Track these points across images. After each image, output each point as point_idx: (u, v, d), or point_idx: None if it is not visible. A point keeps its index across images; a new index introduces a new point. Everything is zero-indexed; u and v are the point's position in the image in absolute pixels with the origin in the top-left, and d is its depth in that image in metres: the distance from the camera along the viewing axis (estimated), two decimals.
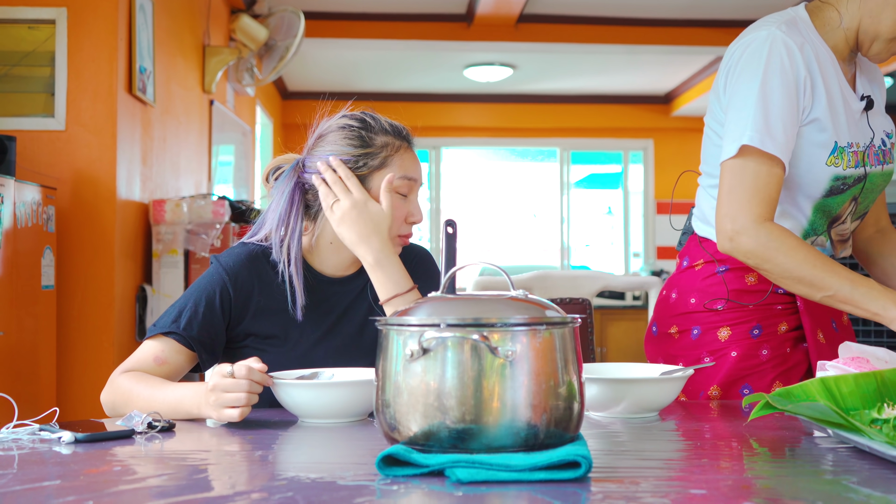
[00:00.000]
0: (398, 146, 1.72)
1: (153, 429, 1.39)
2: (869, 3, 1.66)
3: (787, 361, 1.77)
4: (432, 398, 1.10)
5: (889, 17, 1.65)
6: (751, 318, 1.76)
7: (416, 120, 5.35)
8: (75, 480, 1.06)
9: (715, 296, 1.79)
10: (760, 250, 1.60)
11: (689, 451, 1.24)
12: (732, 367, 1.75)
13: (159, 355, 1.64)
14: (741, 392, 1.75)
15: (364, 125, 1.72)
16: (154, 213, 3.75)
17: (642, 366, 1.64)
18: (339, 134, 1.72)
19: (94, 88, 3.41)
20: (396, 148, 1.72)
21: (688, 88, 8.16)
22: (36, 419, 1.41)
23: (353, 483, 1.02)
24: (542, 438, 1.10)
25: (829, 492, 1.00)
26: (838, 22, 1.70)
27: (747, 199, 1.63)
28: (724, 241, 1.65)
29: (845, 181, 1.70)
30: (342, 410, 1.45)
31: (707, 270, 1.80)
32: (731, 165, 1.65)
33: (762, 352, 1.75)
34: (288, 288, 1.70)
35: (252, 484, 1.06)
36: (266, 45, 5.25)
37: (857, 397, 1.28)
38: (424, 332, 1.10)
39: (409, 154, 1.74)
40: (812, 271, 1.59)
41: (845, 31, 1.70)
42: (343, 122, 1.73)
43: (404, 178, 1.71)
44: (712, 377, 1.77)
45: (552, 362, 1.12)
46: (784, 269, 1.60)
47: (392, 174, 1.69)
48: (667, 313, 1.86)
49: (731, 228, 1.63)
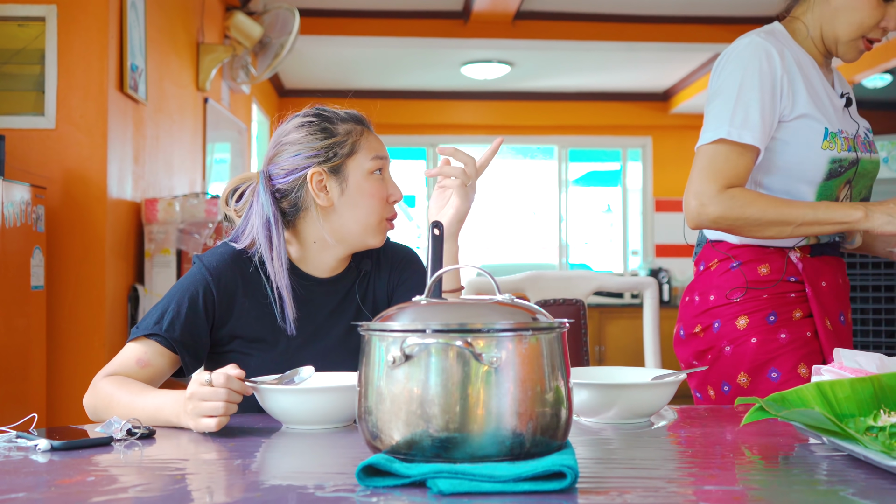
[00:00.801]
0: (361, 130, 1.72)
1: (132, 435, 1.36)
2: (822, 13, 1.89)
3: (808, 345, 1.85)
4: (415, 406, 1.06)
5: (841, 23, 1.87)
6: (766, 307, 1.85)
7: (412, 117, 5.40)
8: (46, 492, 1.02)
9: (733, 286, 1.89)
10: (727, 212, 1.78)
11: (679, 460, 1.21)
12: (755, 353, 1.84)
13: (142, 357, 1.61)
14: (769, 377, 1.83)
15: (322, 118, 1.72)
16: (146, 213, 3.71)
17: (633, 370, 1.61)
18: (299, 133, 1.70)
19: (84, 86, 3.37)
20: (360, 132, 1.72)
21: (686, 85, 8.12)
22: (14, 425, 1.38)
23: (332, 494, 0.99)
24: (528, 447, 1.07)
25: (823, 503, 0.97)
26: (806, 32, 1.93)
27: (714, 177, 1.80)
28: (693, 216, 1.81)
29: (841, 163, 1.84)
30: (326, 416, 1.42)
31: (722, 268, 1.91)
32: (706, 150, 1.83)
33: (780, 336, 1.84)
34: (277, 302, 1.67)
35: (229, 494, 1.02)
36: (261, 42, 5.21)
37: (853, 403, 1.25)
38: (406, 338, 1.07)
39: (372, 136, 1.74)
40: (776, 210, 1.76)
41: (813, 39, 1.92)
42: (299, 121, 1.72)
43: (377, 158, 1.71)
44: (738, 364, 1.85)
45: (539, 369, 1.09)
46: (752, 220, 1.77)
47: (365, 157, 1.70)
48: (690, 314, 1.95)
49: (697, 203, 1.80)
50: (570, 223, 9.00)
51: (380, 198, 1.70)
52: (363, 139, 1.71)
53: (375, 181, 1.70)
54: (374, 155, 1.70)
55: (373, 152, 1.71)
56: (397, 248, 1.85)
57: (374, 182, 1.69)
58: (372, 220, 1.68)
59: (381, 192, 1.70)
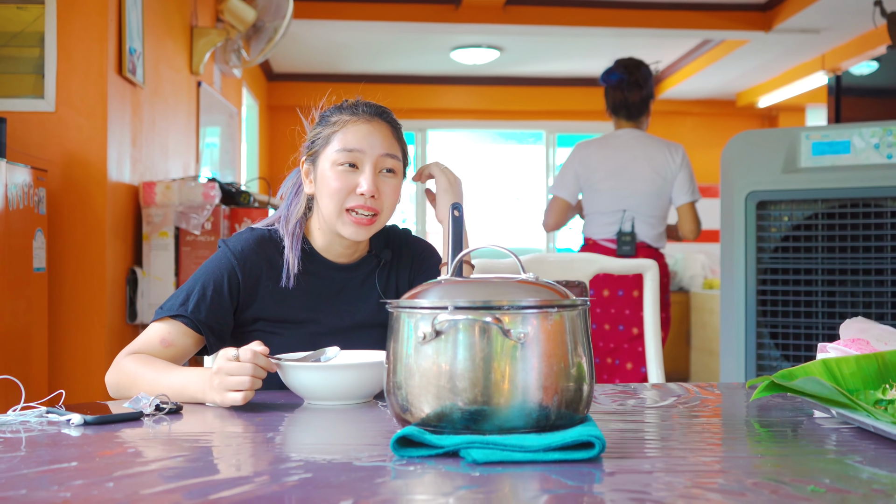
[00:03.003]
0: (346, 121, 1.72)
1: (161, 411, 1.40)
2: None
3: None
4: (444, 380, 1.11)
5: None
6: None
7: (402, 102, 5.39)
8: (92, 462, 1.06)
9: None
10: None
11: (694, 432, 1.26)
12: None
13: (166, 337, 1.64)
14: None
15: (334, 108, 1.76)
16: (144, 195, 3.73)
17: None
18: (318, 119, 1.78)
19: (84, 69, 3.38)
20: (344, 123, 1.72)
21: (674, 72, 8.17)
22: (42, 401, 1.41)
23: (369, 464, 1.04)
24: (553, 419, 1.11)
25: (835, 471, 1.02)
26: None
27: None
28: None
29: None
30: (349, 393, 1.46)
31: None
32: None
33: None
34: (286, 260, 1.73)
35: (269, 465, 1.07)
36: (254, 26, 5.21)
37: (858, 378, 1.30)
38: (438, 315, 1.11)
39: (357, 127, 1.71)
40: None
41: None
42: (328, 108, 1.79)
43: (343, 151, 1.69)
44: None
45: (563, 344, 1.13)
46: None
47: (334, 148, 1.71)
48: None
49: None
50: None
51: (339, 188, 1.69)
52: (342, 130, 1.71)
53: (338, 172, 1.69)
54: (343, 147, 1.69)
55: (342, 144, 1.70)
56: (418, 242, 1.90)
57: (337, 173, 1.69)
58: (332, 209, 1.70)
59: (342, 183, 1.69)
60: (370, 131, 1.71)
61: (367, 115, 1.72)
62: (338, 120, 1.72)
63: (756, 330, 2.93)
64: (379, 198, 1.70)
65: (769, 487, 0.93)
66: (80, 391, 3.31)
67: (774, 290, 2.91)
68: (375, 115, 1.73)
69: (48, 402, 1.41)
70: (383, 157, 1.71)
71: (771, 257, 2.93)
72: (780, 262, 2.92)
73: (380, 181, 1.70)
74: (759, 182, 2.95)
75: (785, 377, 1.31)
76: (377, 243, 1.84)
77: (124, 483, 0.96)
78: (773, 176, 2.94)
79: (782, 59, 7.34)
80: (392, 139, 1.74)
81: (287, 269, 1.72)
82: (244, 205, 4.13)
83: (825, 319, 2.86)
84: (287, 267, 1.72)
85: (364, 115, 1.72)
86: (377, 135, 1.71)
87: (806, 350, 2.88)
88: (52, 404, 1.40)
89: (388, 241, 1.86)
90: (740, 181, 2.97)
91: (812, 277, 2.87)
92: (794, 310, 2.89)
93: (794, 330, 2.89)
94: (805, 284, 2.88)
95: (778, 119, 9.05)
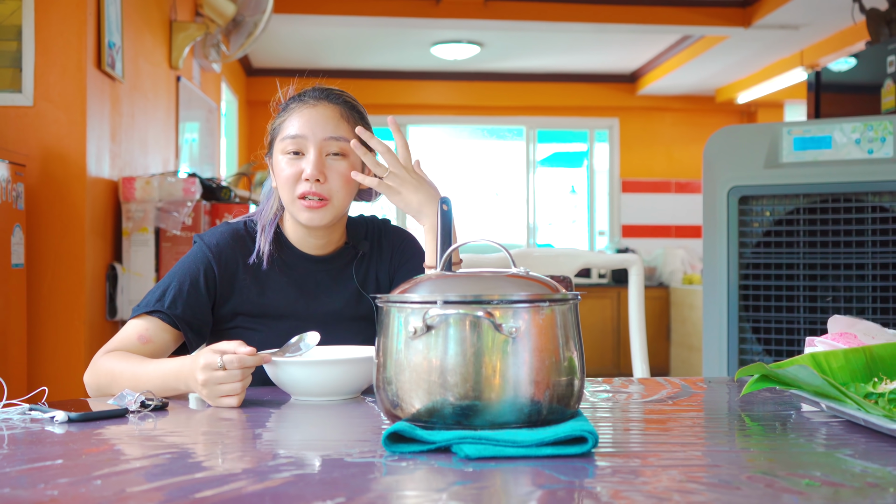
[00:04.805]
0: (294, 107, 1.70)
1: (146, 408, 1.38)
2: None
3: None
4: (435, 375, 1.10)
5: None
6: None
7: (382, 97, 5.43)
8: (77, 460, 1.04)
9: None
10: None
11: (685, 427, 1.26)
12: None
13: (143, 334, 1.62)
14: None
15: (290, 98, 1.75)
16: (124, 191, 3.69)
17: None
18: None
19: (62, 63, 3.34)
20: (292, 110, 1.70)
21: (653, 67, 8.19)
22: (24, 398, 1.39)
23: (361, 460, 1.03)
24: (544, 414, 1.11)
25: (827, 464, 1.01)
26: None
27: None
28: None
29: None
30: (337, 388, 1.45)
31: None
32: None
33: None
34: (258, 243, 1.73)
35: (258, 462, 1.05)
36: (234, 20, 5.18)
37: (846, 372, 1.31)
38: (428, 310, 1.10)
39: (301, 112, 1.69)
40: None
41: None
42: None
43: (288, 138, 1.68)
44: None
45: (554, 339, 1.13)
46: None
47: (281, 137, 1.70)
48: None
49: None
50: (536, 204, 9.07)
51: (287, 176, 1.67)
52: (289, 118, 1.70)
53: (286, 160, 1.68)
54: (287, 135, 1.68)
55: (285, 132, 1.69)
56: (397, 232, 1.88)
57: (285, 161, 1.68)
58: (286, 198, 1.70)
59: (290, 171, 1.67)
60: (313, 115, 1.68)
61: (312, 100, 1.70)
62: (286, 107, 1.72)
63: (738, 324, 2.94)
64: (326, 182, 1.67)
65: (764, 481, 0.93)
66: (59, 388, 3.28)
67: (756, 284, 2.92)
68: (322, 97, 1.71)
69: (30, 400, 1.39)
70: (327, 141, 1.67)
71: (753, 252, 2.94)
72: (762, 257, 2.93)
73: (325, 165, 1.67)
74: (741, 177, 2.96)
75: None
76: (354, 234, 1.82)
77: (112, 481, 0.94)
78: (754, 171, 2.95)
79: (761, 55, 7.38)
80: (340, 121, 1.69)
81: (257, 249, 1.71)
82: (224, 200, 4.10)
83: (807, 314, 2.88)
84: (258, 247, 1.71)
85: (310, 100, 1.70)
86: (320, 118, 1.68)
87: (787, 344, 2.89)
88: (34, 402, 1.38)
89: (366, 233, 1.83)
90: (722, 176, 2.98)
91: (794, 272, 2.88)
92: (776, 304, 2.90)
93: (776, 324, 2.90)
94: (787, 279, 2.89)
95: (757, 115, 9.10)
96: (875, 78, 4.00)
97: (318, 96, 1.71)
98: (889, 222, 2.76)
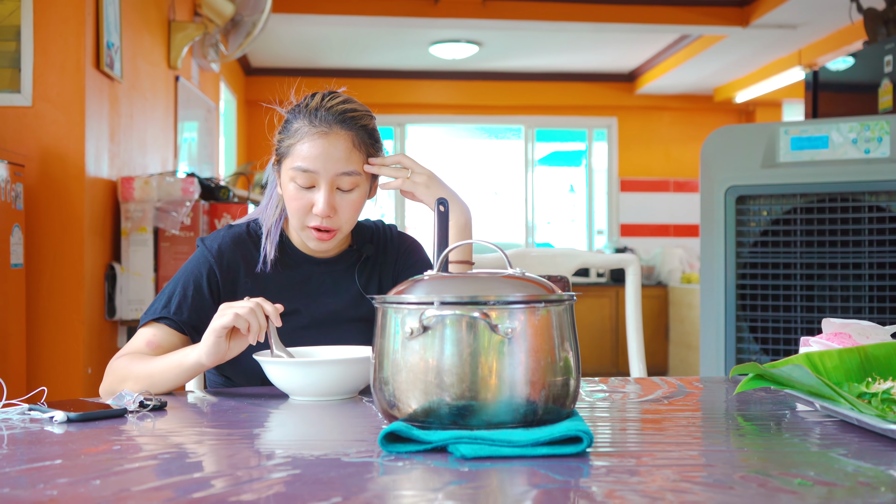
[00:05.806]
0: (306, 132, 1.64)
1: (145, 407, 1.39)
2: None
3: None
4: (432, 375, 1.11)
5: None
6: None
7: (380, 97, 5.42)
8: (77, 460, 1.05)
9: None
10: None
11: (680, 427, 1.27)
12: None
13: (152, 340, 1.65)
14: None
15: (296, 108, 1.69)
16: (122, 191, 3.70)
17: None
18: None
19: (61, 63, 3.35)
20: (303, 135, 1.64)
21: (652, 67, 8.20)
22: (23, 398, 1.40)
23: (357, 460, 1.03)
24: (540, 414, 1.12)
25: (821, 464, 1.02)
26: None
27: None
28: None
29: None
30: (334, 389, 1.46)
31: None
32: None
33: None
34: (263, 247, 1.74)
35: (256, 462, 1.06)
36: (232, 20, 5.18)
37: (840, 372, 1.31)
38: (425, 310, 1.11)
39: (313, 142, 1.64)
40: None
41: None
42: (295, 104, 1.72)
43: (299, 170, 1.64)
44: None
45: (550, 339, 1.14)
46: None
47: (290, 164, 1.66)
48: None
49: None
50: (535, 203, 9.08)
51: (297, 207, 1.66)
52: (299, 144, 1.64)
53: (296, 190, 1.65)
54: (298, 166, 1.63)
55: (295, 162, 1.64)
56: (403, 238, 1.88)
57: (294, 191, 1.66)
58: (294, 224, 1.70)
59: (299, 202, 1.66)
60: (325, 148, 1.63)
61: (324, 126, 1.64)
62: (297, 129, 1.65)
63: (735, 324, 2.95)
64: (335, 215, 1.67)
65: (756, 481, 0.93)
66: (58, 388, 3.29)
67: (754, 284, 2.93)
68: (335, 122, 1.65)
69: (29, 400, 1.40)
70: (339, 177, 1.65)
71: (750, 251, 2.95)
72: (759, 257, 2.94)
73: (336, 199, 1.66)
74: (738, 177, 2.97)
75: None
76: (359, 237, 1.83)
77: (111, 481, 0.95)
78: (752, 171, 2.96)
79: (759, 54, 7.39)
80: (352, 151, 1.65)
81: (263, 256, 1.72)
82: (223, 200, 4.10)
83: (804, 313, 2.89)
84: (264, 254, 1.72)
85: (322, 126, 1.64)
86: (332, 151, 1.63)
87: (784, 343, 2.90)
88: (33, 401, 1.39)
89: (371, 236, 1.84)
90: (720, 176, 2.99)
91: (791, 272, 2.89)
92: (773, 304, 2.91)
93: (773, 324, 2.91)
94: (784, 279, 2.90)
95: (755, 114, 9.11)
96: (872, 77, 4.01)
97: (331, 120, 1.64)
98: (886, 222, 2.77)
